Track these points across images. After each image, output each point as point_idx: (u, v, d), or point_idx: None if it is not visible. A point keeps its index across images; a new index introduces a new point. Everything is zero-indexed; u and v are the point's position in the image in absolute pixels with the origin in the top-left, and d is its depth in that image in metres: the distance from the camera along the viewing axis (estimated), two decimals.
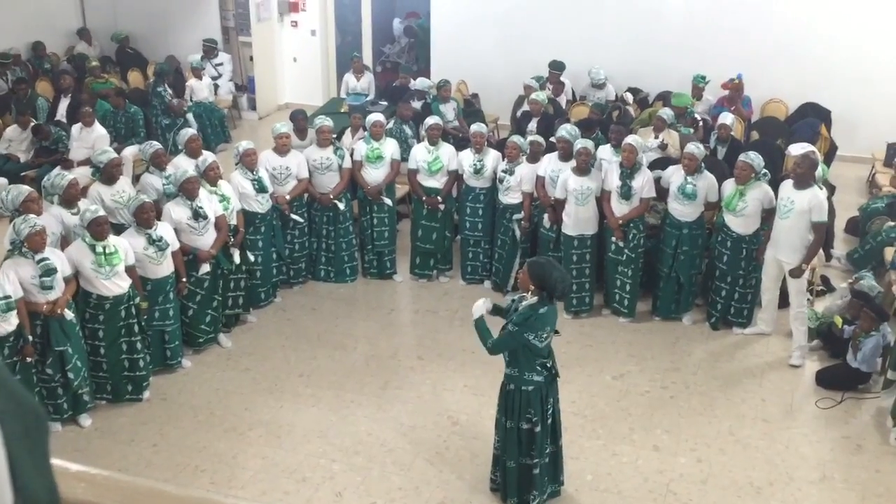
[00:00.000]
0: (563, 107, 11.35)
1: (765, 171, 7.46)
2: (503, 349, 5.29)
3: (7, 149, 10.85)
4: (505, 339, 5.23)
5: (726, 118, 9.25)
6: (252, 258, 7.93)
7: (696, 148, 7.69)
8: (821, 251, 8.04)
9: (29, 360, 6.11)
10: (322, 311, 8.39)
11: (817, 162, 7.27)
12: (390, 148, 8.66)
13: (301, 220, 8.52)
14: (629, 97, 11.34)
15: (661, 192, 7.92)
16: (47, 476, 0.72)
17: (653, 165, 8.28)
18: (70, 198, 6.91)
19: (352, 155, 8.63)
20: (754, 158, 7.39)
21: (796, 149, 7.71)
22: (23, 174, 10.34)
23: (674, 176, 7.77)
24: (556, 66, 11.72)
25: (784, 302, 7.64)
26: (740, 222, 7.52)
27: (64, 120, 11.47)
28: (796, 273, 7.23)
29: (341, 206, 8.57)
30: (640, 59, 12.33)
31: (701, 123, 9.85)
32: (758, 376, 7.32)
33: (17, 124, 10.91)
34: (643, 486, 5.94)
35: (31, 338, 6.08)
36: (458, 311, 8.34)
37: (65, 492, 0.76)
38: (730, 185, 7.54)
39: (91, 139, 10.14)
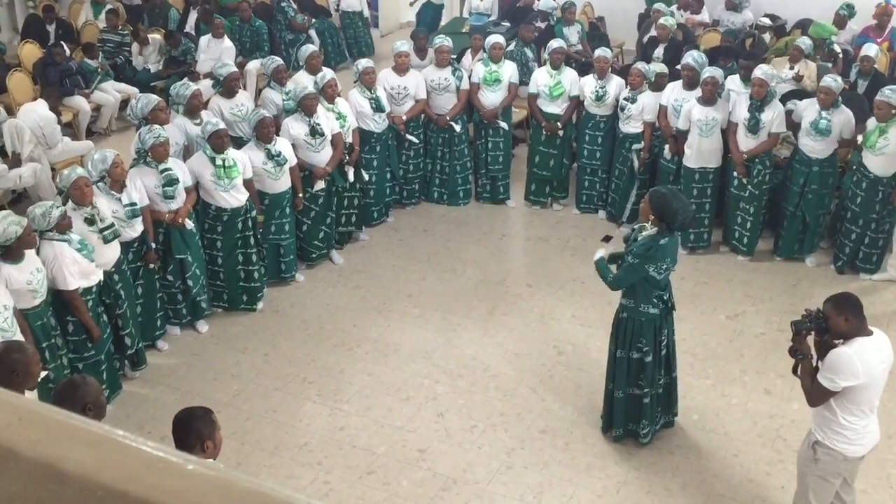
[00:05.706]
0: (707, 24, 10.92)
1: None
2: (625, 284, 5.15)
3: (139, 63, 11.18)
4: (626, 273, 5.09)
5: (870, 49, 8.66)
6: (366, 177, 7.96)
7: (833, 81, 7.22)
8: None
9: (151, 266, 6.36)
10: (433, 233, 8.41)
11: None
12: (508, 71, 8.49)
13: (416, 140, 8.50)
14: (766, 21, 10.73)
15: (793, 125, 7.51)
16: None
17: (786, 97, 7.85)
18: (193, 108, 7.06)
19: (470, 77, 8.51)
20: (890, 95, 6.89)
21: None
22: (152, 84, 10.64)
23: (807, 110, 7.34)
24: None
25: None
26: (879, 162, 7.07)
27: (193, 32, 11.70)
28: None
29: (457, 128, 8.49)
30: None
31: (841, 55, 9.24)
32: (883, 324, 6.93)
33: (136, 42, 11.22)
34: (752, 430, 5.78)
35: (153, 245, 6.31)
36: (570, 240, 8.21)
37: None
38: (872, 122, 7.08)
39: (218, 51, 10.32)
